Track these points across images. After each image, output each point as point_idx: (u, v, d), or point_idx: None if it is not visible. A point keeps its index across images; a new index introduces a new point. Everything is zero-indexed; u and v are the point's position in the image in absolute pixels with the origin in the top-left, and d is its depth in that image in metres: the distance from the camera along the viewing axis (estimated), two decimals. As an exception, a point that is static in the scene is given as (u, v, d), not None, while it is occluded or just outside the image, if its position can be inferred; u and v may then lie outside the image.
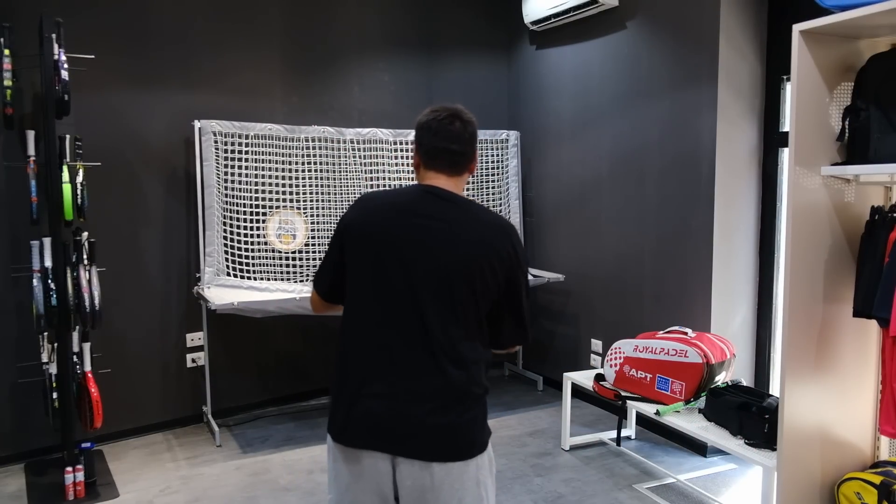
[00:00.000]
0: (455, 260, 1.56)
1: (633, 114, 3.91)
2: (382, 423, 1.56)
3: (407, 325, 1.56)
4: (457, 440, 1.57)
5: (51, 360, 3.23)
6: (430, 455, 1.55)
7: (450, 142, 1.65)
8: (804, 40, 2.25)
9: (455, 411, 1.56)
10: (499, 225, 1.64)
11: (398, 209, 1.62)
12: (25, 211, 3.40)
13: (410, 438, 1.55)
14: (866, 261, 2.31)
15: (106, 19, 3.64)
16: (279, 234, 4.01)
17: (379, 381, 1.57)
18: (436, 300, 1.55)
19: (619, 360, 3.35)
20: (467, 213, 1.62)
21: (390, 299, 1.58)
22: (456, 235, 1.58)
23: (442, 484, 1.55)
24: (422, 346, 1.55)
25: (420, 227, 1.58)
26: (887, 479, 2.29)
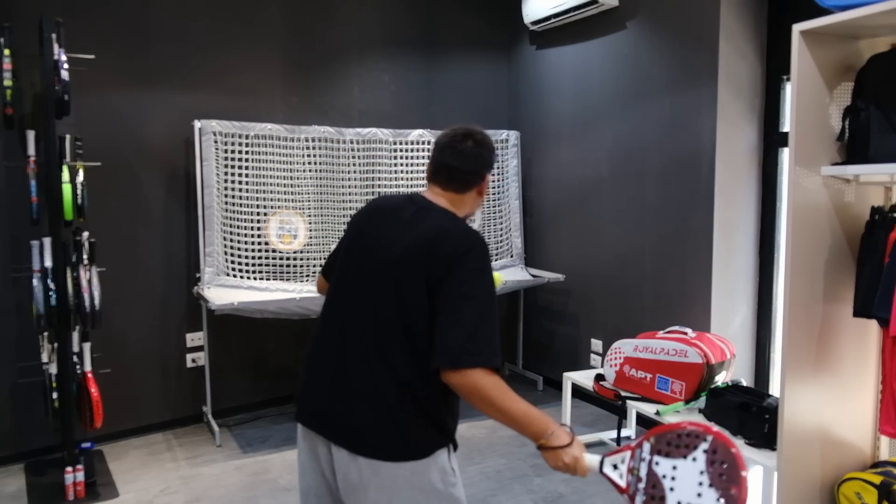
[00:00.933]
0: (395, 258, 1.56)
1: (633, 114, 3.91)
2: (321, 407, 1.61)
3: (350, 320, 1.60)
4: (385, 438, 1.52)
5: (51, 360, 3.23)
6: (354, 446, 1.53)
7: (451, 159, 1.68)
8: (804, 40, 2.25)
9: (384, 410, 1.52)
10: (456, 231, 1.55)
11: (376, 209, 1.70)
12: (25, 211, 3.40)
13: (340, 426, 1.56)
14: (866, 261, 2.31)
15: (106, 19, 3.64)
16: (279, 234, 4.01)
17: (324, 366, 1.63)
18: (374, 297, 1.57)
19: (619, 360, 3.35)
20: (428, 217, 1.60)
21: (342, 294, 1.65)
22: (405, 234, 1.58)
23: (370, 482, 1.52)
24: (358, 342, 1.57)
25: (379, 226, 1.64)
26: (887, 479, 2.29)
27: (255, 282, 3.91)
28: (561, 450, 1.46)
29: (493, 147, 1.74)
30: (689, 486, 1.36)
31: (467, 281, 1.49)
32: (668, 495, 1.37)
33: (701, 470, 1.36)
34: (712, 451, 1.35)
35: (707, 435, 1.38)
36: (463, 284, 1.49)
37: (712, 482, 1.33)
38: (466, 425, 4.01)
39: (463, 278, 1.49)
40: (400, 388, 1.52)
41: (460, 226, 1.59)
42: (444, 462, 1.57)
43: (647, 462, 1.42)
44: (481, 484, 3.27)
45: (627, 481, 1.44)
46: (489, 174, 1.75)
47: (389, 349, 1.53)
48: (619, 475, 1.46)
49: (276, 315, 3.67)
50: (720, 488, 1.32)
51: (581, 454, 1.47)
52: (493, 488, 3.22)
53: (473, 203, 1.74)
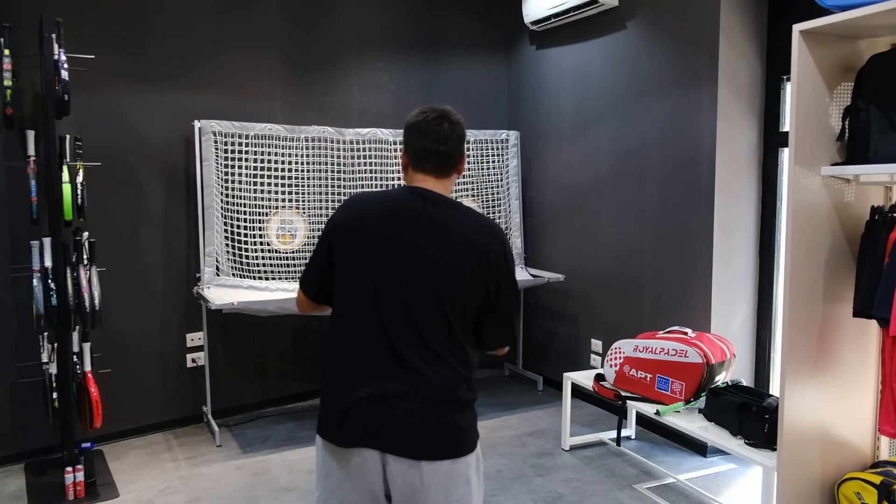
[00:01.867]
0: (443, 262, 1.58)
1: (633, 114, 3.91)
2: (373, 422, 1.57)
3: (395, 326, 1.57)
4: (444, 439, 1.58)
5: (51, 360, 3.23)
6: (418, 454, 1.56)
7: (438, 143, 1.65)
8: (804, 40, 2.25)
9: (442, 411, 1.57)
10: (486, 227, 1.66)
11: (388, 210, 1.63)
12: (25, 211, 3.40)
13: (399, 437, 1.56)
14: (866, 261, 2.31)
15: (106, 19, 3.64)
16: (279, 233, 4.01)
17: (369, 381, 1.58)
18: (424, 302, 1.57)
19: (619, 360, 3.35)
20: (455, 216, 1.63)
21: (379, 300, 1.58)
22: (444, 238, 1.59)
23: (431, 482, 1.56)
24: (410, 346, 1.56)
25: (409, 229, 1.60)
26: (887, 479, 2.29)
27: (255, 282, 3.91)
28: None
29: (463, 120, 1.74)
30: None
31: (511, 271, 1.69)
32: None
33: None
34: None
35: None
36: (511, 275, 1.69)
37: None
38: (466, 425, 4.00)
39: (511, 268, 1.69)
40: (457, 389, 1.60)
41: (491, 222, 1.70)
42: (479, 450, 1.67)
43: None
44: (481, 484, 3.27)
45: None
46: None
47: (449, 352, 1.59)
48: None
49: (275, 315, 3.67)
50: None
51: None
52: (493, 488, 3.22)
53: (453, 182, 1.76)
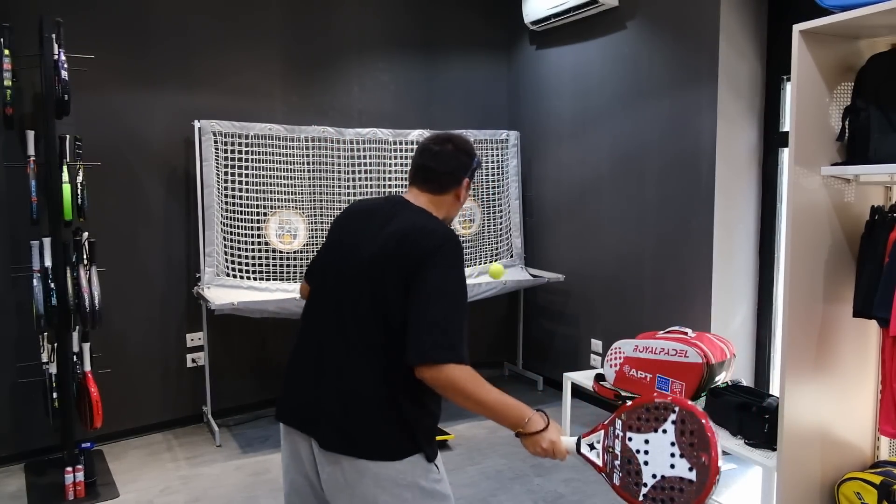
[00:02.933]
0: (368, 254, 1.58)
1: (633, 114, 3.91)
2: (304, 406, 1.61)
3: (330, 321, 1.61)
4: (368, 438, 1.52)
5: (51, 360, 3.23)
6: (338, 446, 1.53)
7: (428, 160, 1.69)
8: (804, 40, 2.25)
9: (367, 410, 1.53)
10: (428, 228, 1.56)
11: (353, 214, 1.72)
12: (25, 211, 3.40)
13: (323, 425, 1.56)
14: (866, 261, 2.31)
15: (106, 19, 3.65)
16: (279, 234, 4.01)
17: (306, 367, 1.63)
18: (352, 299, 1.58)
19: (619, 360, 3.35)
20: (402, 215, 1.61)
21: (321, 296, 1.67)
22: (379, 232, 1.59)
23: (355, 482, 1.52)
24: (338, 342, 1.58)
25: (356, 225, 1.67)
26: (887, 479, 2.29)
27: (255, 282, 3.91)
28: (538, 435, 1.50)
29: (474, 154, 1.74)
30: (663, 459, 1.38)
31: (438, 277, 1.50)
32: (644, 469, 1.40)
33: (672, 441, 1.38)
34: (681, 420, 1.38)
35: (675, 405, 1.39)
36: (434, 281, 1.49)
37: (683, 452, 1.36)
38: (466, 425, 4.01)
39: (434, 274, 1.49)
40: (381, 387, 1.53)
41: (433, 223, 1.59)
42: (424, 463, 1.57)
43: (620, 438, 1.44)
44: (481, 484, 3.27)
45: (604, 460, 1.47)
46: (468, 180, 1.73)
47: (370, 348, 1.54)
48: (595, 455, 1.48)
49: (275, 315, 3.67)
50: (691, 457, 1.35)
51: (558, 438, 1.50)
52: (493, 488, 3.22)
53: (451, 207, 1.73)
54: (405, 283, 1.51)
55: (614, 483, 1.44)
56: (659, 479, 1.38)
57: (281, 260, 4.04)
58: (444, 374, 1.44)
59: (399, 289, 1.51)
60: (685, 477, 1.35)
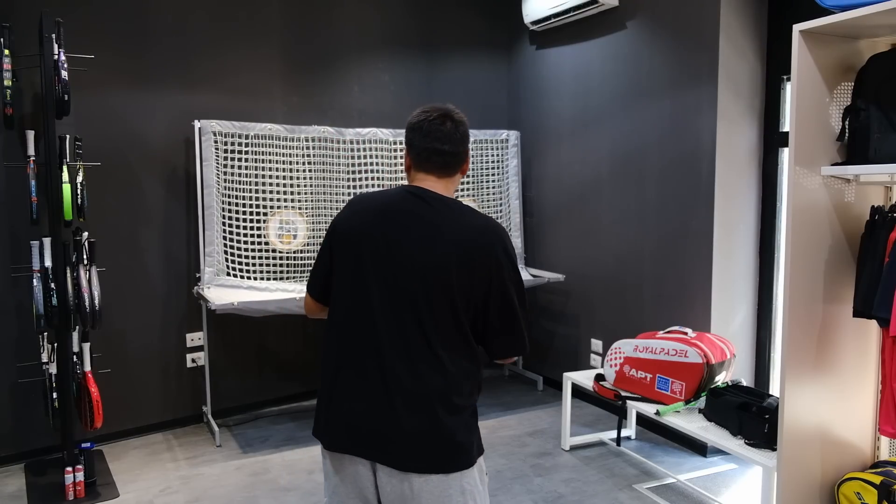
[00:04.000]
0: (432, 262, 1.52)
1: (633, 114, 3.91)
2: (361, 428, 1.54)
3: (385, 328, 1.53)
4: (435, 451, 1.51)
5: (51, 360, 3.23)
6: (406, 465, 1.51)
7: (441, 143, 1.62)
8: (804, 40, 2.25)
9: (433, 420, 1.51)
10: (485, 227, 1.57)
11: (380, 210, 1.60)
12: (25, 211, 3.40)
13: (388, 445, 1.52)
14: (866, 261, 2.31)
15: (106, 19, 3.64)
16: (279, 233, 4.01)
17: (357, 384, 1.55)
18: (413, 304, 1.52)
19: (619, 360, 3.35)
20: (449, 214, 1.57)
21: (369, 302, 1.56)
22: (435, 237, 1.53)
23: (421, 493, 1.51)
24: (398, 350, 1.52)
25: (399, 229, 1.56)
26: (887, 479, 2.29)
27: (255, 282, 3.91)
28: None
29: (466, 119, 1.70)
30: None
31: (514, 278, 1.59)
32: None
33: None
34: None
35: None
36: (512, 279, 1.58)
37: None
38: (466, 425, 4.00)
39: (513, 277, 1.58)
40: (450, 397, 1.53)
41: (484, 219, 1.60)
42: (481, 462, 1.62)
43: None
44: (481, 484, 3.27)
45: None
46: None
47: (440, 357, 1.52)
48: None
49: (276, 315, 3.67)
50: None
51: None
52: (494, 488, 3.22)
53: (457, 181, 1.71)
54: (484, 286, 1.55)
55: None
56: None
57: (281, 260, 4.03)
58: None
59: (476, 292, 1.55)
60: None
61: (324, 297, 1.69)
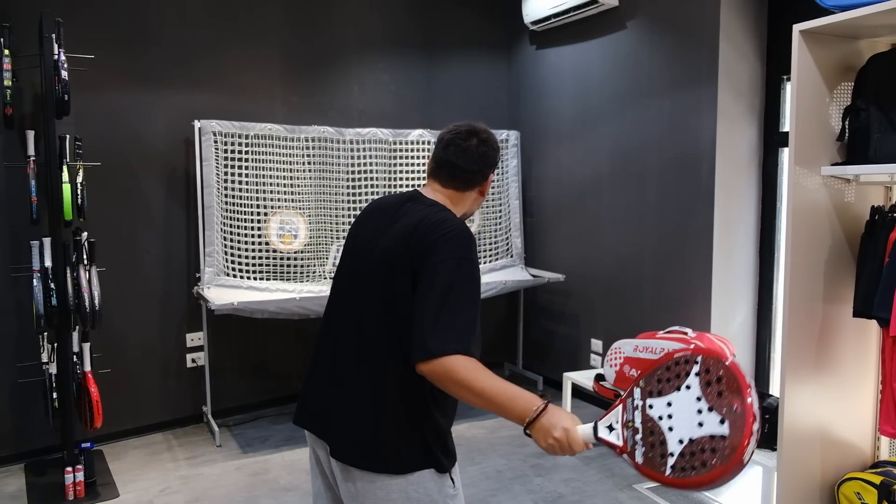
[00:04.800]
0: (376, 260, 1.52)
1: (633, 114, 3.91)
2: (319, 413, 1.59)
3: (343, 325, 1.58)
4: (378, 450, 1.46)
5: (51, 360, 3.23)
6: (348, 457, 1.49)
7: (455, 157, 1.62)
8: (804, 40, 2.25)
9: (378, 420, 1.47)
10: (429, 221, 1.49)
11: (371, 212, 1.66)
12: (25, 211, 3.40)
13: (335, 434, 1.52)
14: (866, 261, 2.31)
15: (106, 19, 3.64)
16: (279, 234, 4.01)
17: (321, 373, 1.61)
18: (363, 301, 1.53)
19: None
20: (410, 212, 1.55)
21: (336, 298, 1.64)
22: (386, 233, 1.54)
23: (365, 494, 1.47)
24: (349, 347, 1.54)
25: (370, 228, 1.61)
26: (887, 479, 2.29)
27: (255, 282, 3.91)
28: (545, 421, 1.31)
29: (498, 146, 1.69)
30: (689, 419, 1.18)
31: (442, 270, 1.41)
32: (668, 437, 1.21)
33: (697, 396, 1.19)
34: (705, 370, 1.19)
35: (696, 356, 1.22)
36: (437, 274, 1.41)
37: (711, 405, 1.17)
38: (466, 425, 4.01)
39: (438, 269, 1.41)
40: (394, 394, 1.46)
41: (445, 217, 1.51)
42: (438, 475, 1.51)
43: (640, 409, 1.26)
44: (481, 484, 3.27)
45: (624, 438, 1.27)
46: (492, 174, 1.69)
47: (382, 352, 1.48)
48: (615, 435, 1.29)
49: (275, 315, 3.67)
50: (721, 408, 1.15)
51: (572, 426, 1.31)
52: (493, 488, 3.22)
53: (474, 203, 1.69)
54: (414, 280, 1.44)
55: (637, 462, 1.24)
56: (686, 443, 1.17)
57: (281, 260, 4.03)
58: (438, 366, 1.34)
59: (408, 286, 1.45)
60: (716, 433, 1.14)
61: None
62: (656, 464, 1.20)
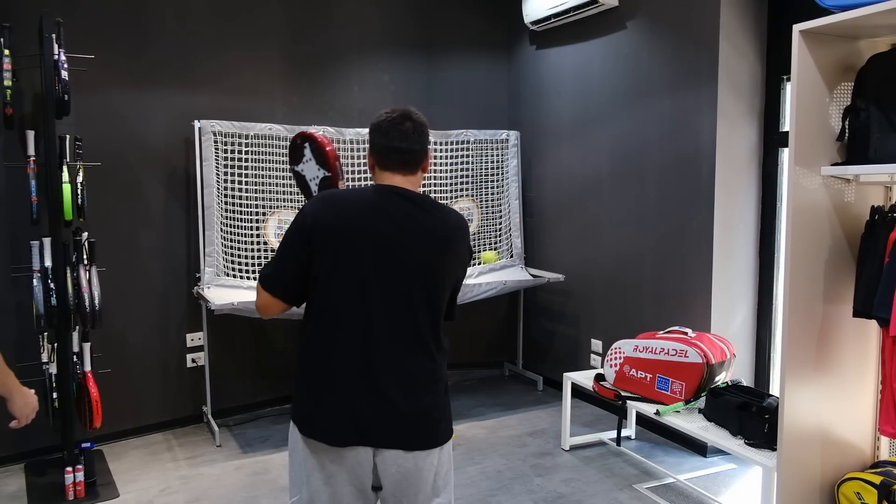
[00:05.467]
0: (429, 258, 1.65)
1: (633, 114, 3.91)
2: (365, 418, 1.61)
3: (386, 320, 1.61)
4: (434, 428, 1.69)
5: (51, 360, 3.23)
6: (411, 444, 1.65)
7: (400, 141, 1.68)
8: (804, 40, 2.25)
9: (431, 401, 1.68)
10: (460, 227, 1.74)
11: (370, 209, 1.64)
12: (25, 211, 3.39)
13: (393, 430, 1.64)
14: (866, 261, 2.31)
15: (106, 19, 3.64)
16: (278, 233, 4.01)
17: (359, 376, 1.61)
18: (412, 295, 1.64)
19: (619, 360, 3.35)
20: (433, 213, 1.70)
21: (368, 299, 1.60)
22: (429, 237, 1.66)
23: (422, 467, 1.67)
24: (400, 340, 1.63)
25: (395, 228, 1.64)
26: (887, 479, 2.29)
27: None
28: None
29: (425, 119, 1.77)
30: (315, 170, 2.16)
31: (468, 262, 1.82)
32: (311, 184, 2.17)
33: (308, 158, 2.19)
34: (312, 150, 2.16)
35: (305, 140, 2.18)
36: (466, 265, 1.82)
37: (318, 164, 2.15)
38: (466, 425, 4.01)
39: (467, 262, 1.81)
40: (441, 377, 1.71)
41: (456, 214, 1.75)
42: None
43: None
44: (481, 484, 3.27)
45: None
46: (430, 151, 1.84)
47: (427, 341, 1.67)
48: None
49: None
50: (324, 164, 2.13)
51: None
52: (493, 488, 3.22)
53: (420, 179, 1.78)
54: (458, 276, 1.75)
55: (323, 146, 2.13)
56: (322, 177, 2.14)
57: (281, 260, 4.03)
58: None
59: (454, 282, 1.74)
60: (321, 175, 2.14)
61: (289, 296, 1.68)
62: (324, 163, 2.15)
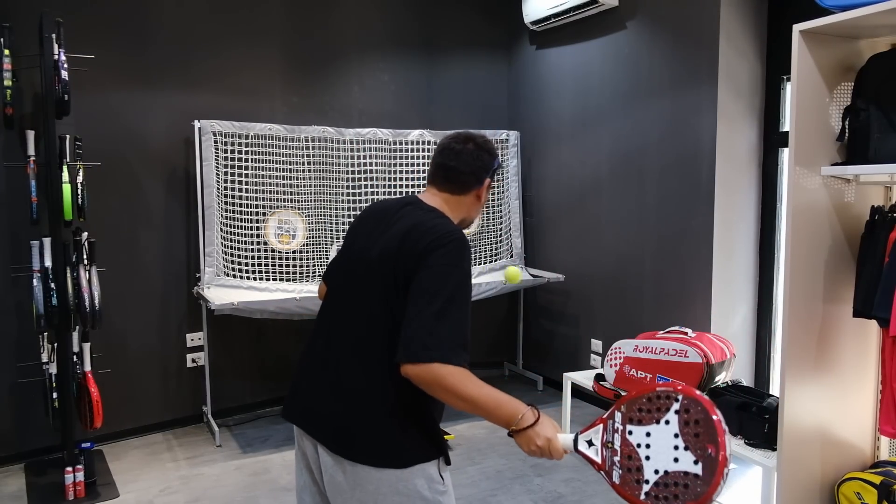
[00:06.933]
0: (373, 262, 1.56)
1: (633, 114, 3.91)
2: (309, 407, 1.61)
3: (338, 323, 1.62)
4: (370, 443, 1.50)
5: (51, 360, 3.23)
6: (339, 449, 1.52)
7: (449, 159, 1.66)
8: (804, 40, 2.25)
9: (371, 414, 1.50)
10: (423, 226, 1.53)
11: (369, 215, 1.70)
12: (25, 211, 3.40)
13: (326, 428, 1.56)
14: (866, 261, 2.31)
15: (106, 19, 3.64)
16: (278, 234, 4.01)
17: (313, 368, 1.64)
18: (359, 301, 1.58)
19: (619, 360, 3.35)
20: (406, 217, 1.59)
21: (332, 298, 1.68)
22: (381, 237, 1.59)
23: (354, 486, 1.50)
24: (344, 344, 1.58)
25: (368, 231, 1.65)
26: (887, 479, 2.29)
27: (254, 282, 3.91)
28: (531, 430, 1.41)
29: (496, 153, 1.71)
30: (666, 452, 1.29)
31: (433, 276, 1.45)
32: (645, 465, 1.31)
33: (675, 433, 1.29)
34: (684, 410, 1.29)
35: (677, 394, 1.31)
36: (429, 279, 1.45)
37: (687, 444, 1.27)
38: (466, 425, 4.01)
39: (429, 273, 1.45)
40: (385, 391, 1.50)
41: (439, 222, 1.54)
42: (431, 471, 1.53)
43: (620, 432, 1.36)
44: (481, 484, 3.27)
45: (602, 456, 1.38)
46: (489, 180, 1.70)
47: (374, 350, 1.51)
48: (594, 451, 1.40)
49: (275, 315, 3.67)
50: (696, 449, 1.26)
51: (554, 435, 1.42)
52: (493, 488, 3.22)
53: (471, 208, 1.70)
54: (406, 283, 1.47)
55: (614, 481, 1.36)
56: (662, 474, 1.28)
57: (281, 260, 4.03)
58: (426, 371, 1.38)
59: (401, 289, 1.48)
60: (690, 471, 1.25)
61: None
62: (631, 486, 1.33)
